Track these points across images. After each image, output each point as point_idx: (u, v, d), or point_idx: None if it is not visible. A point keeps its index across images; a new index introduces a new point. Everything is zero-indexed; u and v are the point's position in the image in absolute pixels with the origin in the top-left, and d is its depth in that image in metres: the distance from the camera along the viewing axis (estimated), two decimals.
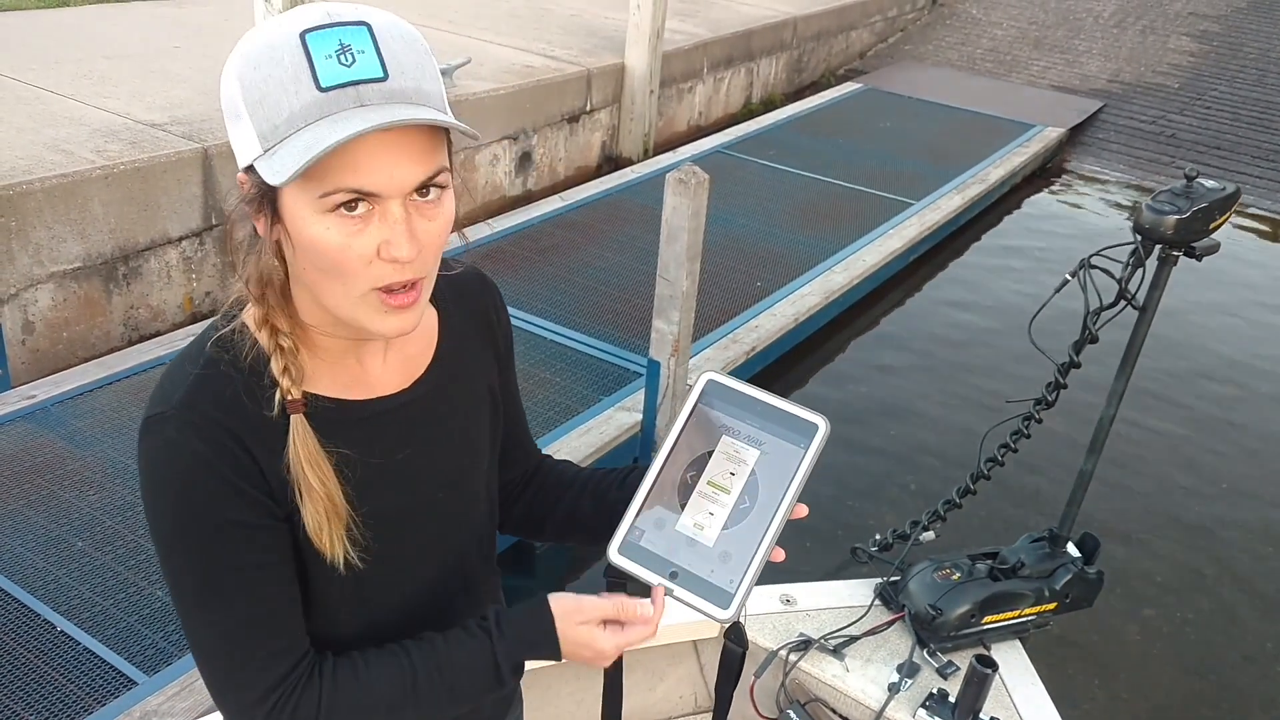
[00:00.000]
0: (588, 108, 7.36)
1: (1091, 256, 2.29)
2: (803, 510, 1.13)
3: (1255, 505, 4.73)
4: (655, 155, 7.63)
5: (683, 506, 1.13)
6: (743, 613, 1.10)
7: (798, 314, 5.26)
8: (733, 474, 1.13)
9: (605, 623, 1.15)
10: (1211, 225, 2.26)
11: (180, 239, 4.85)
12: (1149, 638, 3.95)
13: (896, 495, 4.58)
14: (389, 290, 1.00)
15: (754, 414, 1.15)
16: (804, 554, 4.19)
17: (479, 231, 5.79)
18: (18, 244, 4.24)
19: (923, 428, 5.08)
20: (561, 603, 1.16)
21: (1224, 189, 2.27)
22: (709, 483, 1.13)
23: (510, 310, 1.33)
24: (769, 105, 9.38)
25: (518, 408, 1.37)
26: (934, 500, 3.04)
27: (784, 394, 1.18)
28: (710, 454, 1.14)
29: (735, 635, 1.27)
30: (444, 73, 6.18)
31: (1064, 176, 8.72)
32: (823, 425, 1.12)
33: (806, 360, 5.47)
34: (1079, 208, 8.20)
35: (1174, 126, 9.40)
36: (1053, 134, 8.76)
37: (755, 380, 1.24)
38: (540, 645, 1.16)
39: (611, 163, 7.71)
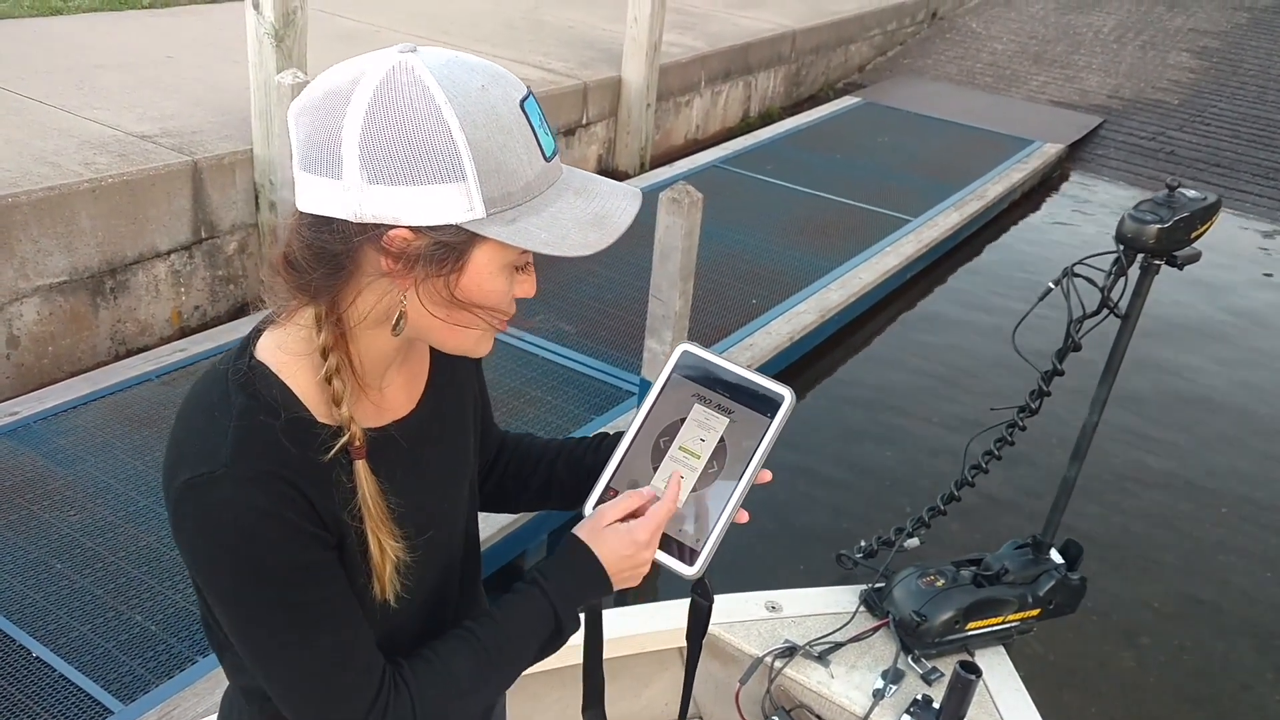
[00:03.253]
0: (584, 121, 7.32)
1: (1074, 265, 2.31)
2: (767, 476, 1.20)
3: (1254, 530, 4.68)
4: (651, 169, 7.60)
5: (655, 469, 1.20)
6: (706, 569, 1.17)
7: (793, 332, 5.22)
8: (703, 440, 1.20)
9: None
10: (1193, 234, 2.28)
11: (169, 253, 4.80)
12: (1145, 665, 3.90)
13: (892, 517, 4.52)
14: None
15: (725, 384, 1.22)
16: (789, 561, 4.16)
17: None
18: (2, 257, 4.19)
19: (919, 446, 5.03)
20: (584, 526, 1.20)
21: (1205, 199, 2.30)
22: (680, 448, 1.20)
23: None
24: (767, 119, 9.34)
25: (487, 400, 1.41)
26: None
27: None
28: (683, 421, 1.21)
29: (701, 590, 1.35)
30: None
31: (1063, 193, 8.69)
32: (788, 397, 1.19)
33: (801, 378, 5.41)
34: (1078, 224, 8.16)
35: (1173, 143, 9.37)
36: (1052, 150, 8.73)
37: None
38: (588, 575, 1.19)
39: (607, 176, 7.64)
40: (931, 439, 5.09)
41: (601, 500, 1.21)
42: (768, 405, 1.19)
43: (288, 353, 1.07)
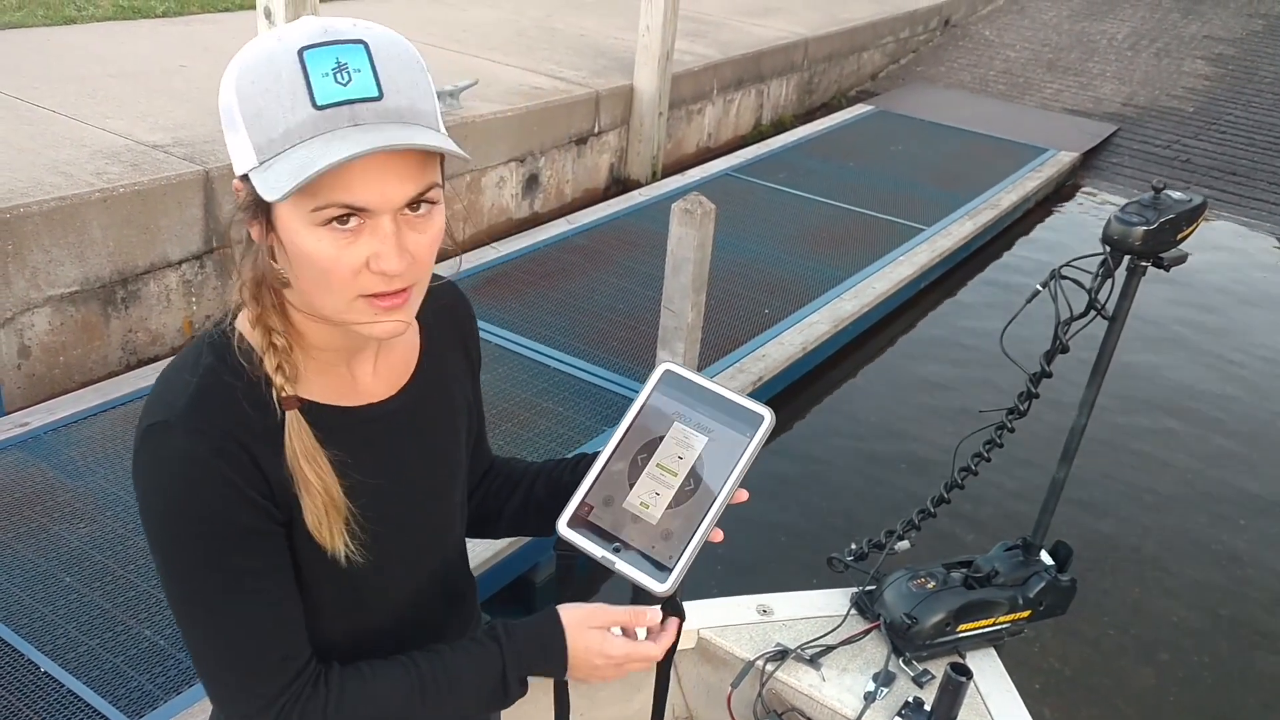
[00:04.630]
0: (596, 130, 7.31)
1: (1061, 267, 2.34)
2: (743, 495, 1.19)
3: (1275, 543, 4.62)
4: (664, 178, 7.57)
5: (631, 486, 1.20)
6: (678, 586, 1.16)
7: (806, 342, 5.17)
8: (680, 458, 1.20)
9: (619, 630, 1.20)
10: (1179, 236, 2.30)
11: (180, 262, 4.79)
12: (1164, 682, 3.85)
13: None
14: (377, 295, 1.02)
15: (705, 403, 1.21)
16: (780, 565, 4.14)
17: (484, 255, 5.72)
18: (14, 267, 4.18)
19: (933, 454, 4.99)
20: (571, 612, 1.19)
21: (1191, 200, 2.30)
22: (658, 465, 1.20)
23: (513, 336, 1.35)
24: (779, 127, 9.32)
25: (482, 416, 1.42)
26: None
27: (788, 424, 1.24)
28: (661, 439, 1.21)
29: (672, 607, 1.34)
30: (450, 95, 6.14)
31: (1077, 201, 8.63)
32: (768, 417, 1.18)
33: (814, 387, 5.37)
34: (1092, 233, 8.09)
35: (1189, 151, 9.31)
36: (1066, 158, 8.68)
37: None
38: (549, 655, 1.18)
39: (619, 185, 7.65)
40: (945, 446, 5.03)
41: (576, 516, 1.20)
42: (747, 425, 1.19)
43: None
